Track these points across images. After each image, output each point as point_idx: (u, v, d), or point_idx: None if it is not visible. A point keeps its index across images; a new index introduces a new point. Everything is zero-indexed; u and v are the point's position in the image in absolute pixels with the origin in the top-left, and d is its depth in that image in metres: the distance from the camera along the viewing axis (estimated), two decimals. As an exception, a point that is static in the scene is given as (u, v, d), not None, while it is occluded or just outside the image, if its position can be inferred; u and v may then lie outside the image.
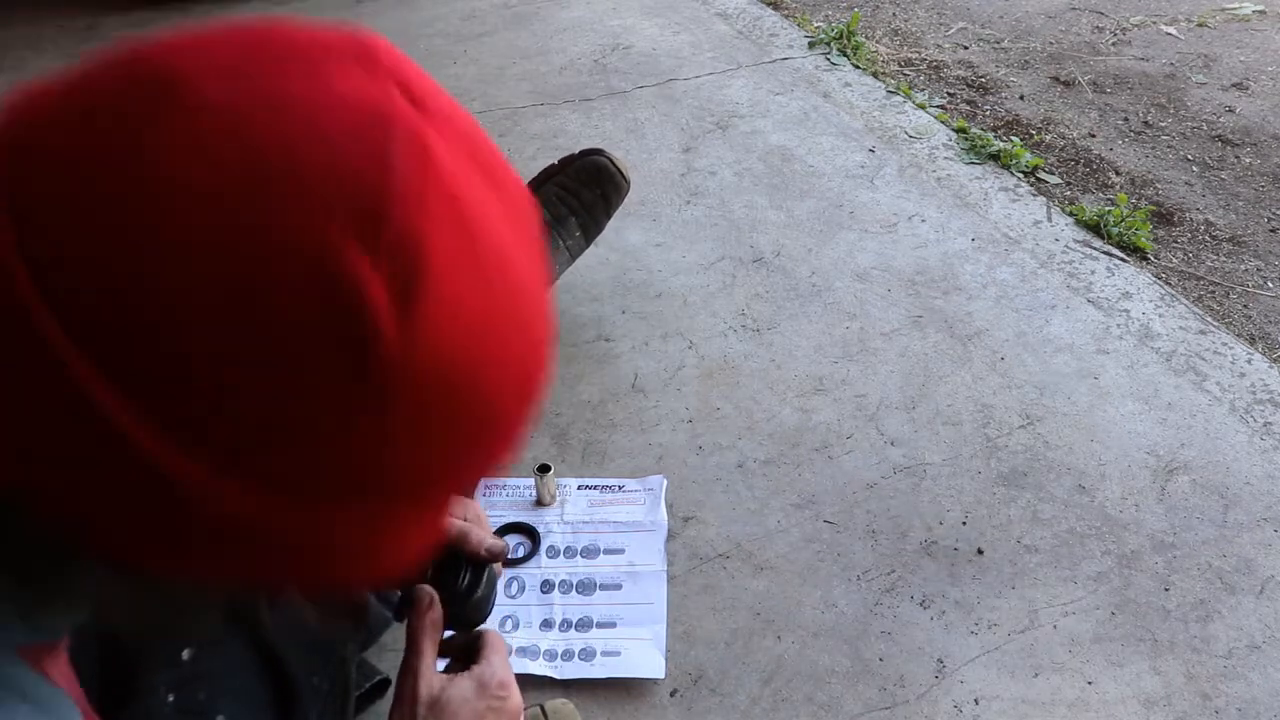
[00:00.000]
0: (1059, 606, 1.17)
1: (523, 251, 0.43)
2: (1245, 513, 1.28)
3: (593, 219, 1.57)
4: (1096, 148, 2.20)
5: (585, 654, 1.12)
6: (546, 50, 2.58)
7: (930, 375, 1.51)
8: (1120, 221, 1.85)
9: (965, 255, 1.77)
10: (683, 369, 1.53)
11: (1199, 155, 2.19)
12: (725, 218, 1.88)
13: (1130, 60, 2.58)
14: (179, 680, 0.73)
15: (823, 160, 2.05)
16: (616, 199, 1.58)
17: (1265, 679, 1.09)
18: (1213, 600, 1.18)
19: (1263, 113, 2.33)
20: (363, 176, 0.37)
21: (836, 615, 1.17)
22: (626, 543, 1.25)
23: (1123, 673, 1.10)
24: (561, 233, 1.54)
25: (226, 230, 0.36)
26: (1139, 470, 1.34)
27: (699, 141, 2.13)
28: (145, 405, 0.36)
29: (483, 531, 0.77)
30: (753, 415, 1.44)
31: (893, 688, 1.09)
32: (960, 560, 1.23)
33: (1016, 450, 1.38)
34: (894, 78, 2.46)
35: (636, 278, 1.73)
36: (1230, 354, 1.54)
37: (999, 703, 1.08)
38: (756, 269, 1.74)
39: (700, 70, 2.44)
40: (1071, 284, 1.70)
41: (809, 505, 1.30)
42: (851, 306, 1.65)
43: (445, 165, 0.39)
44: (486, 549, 0.76)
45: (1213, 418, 1.42)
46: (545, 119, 2.24)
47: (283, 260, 0.36)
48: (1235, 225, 1.96)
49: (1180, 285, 1.77)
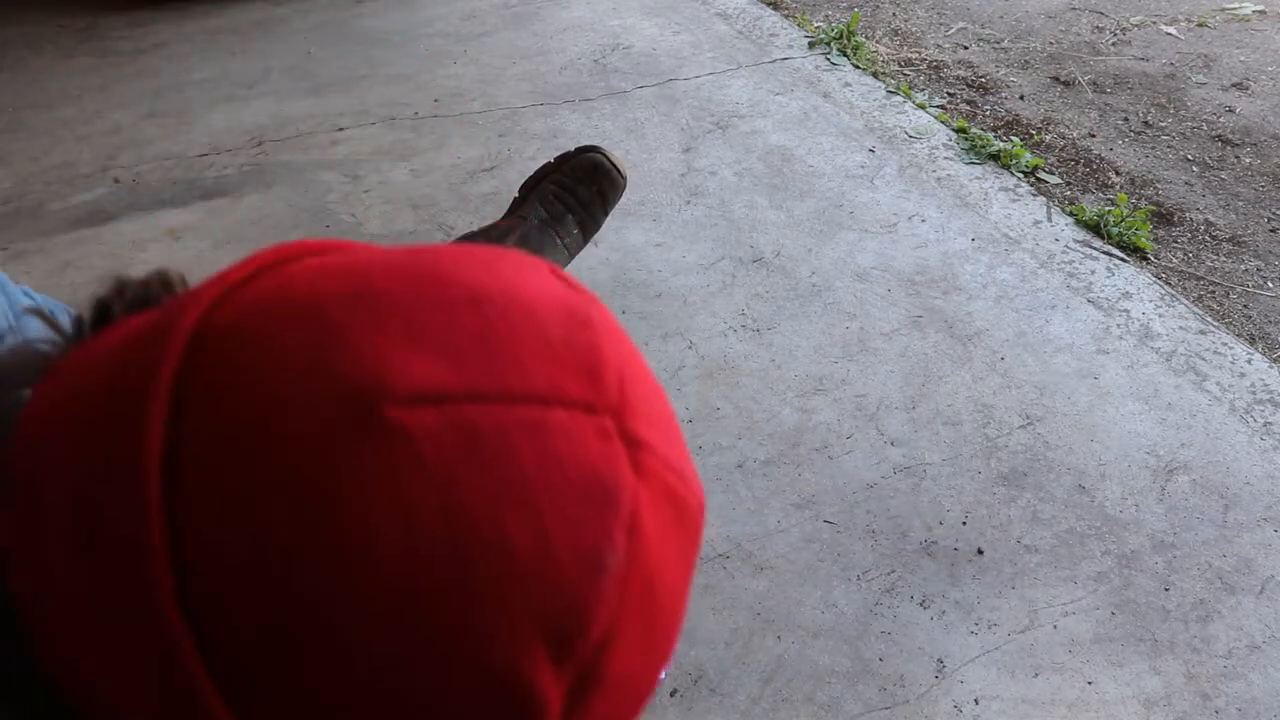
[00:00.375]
0: (1059, 606, 1.17)
1: (687, 574, 0.40)
2: (1245, 513, 1.28)
3: (590, 216, 1.57)
4: (1096, 148, 2.20)
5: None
6: (546, 50, 2.58)
7: (930, 375, 1.51)
8: (1120, 221, 1.85)
9: (965, 255, 1.77)
10: (683, 369, 1.53)
11: (1199, 155, 2.19)
12: (725, 218, 1.88)
13: (1130, 60, 2.58)
14: None
15: (823, 160, 2.05)
16: (614, 195, 1.58)
17: (1265, 679, 1.09)
18: (1213, 600, 1.18)
19: (1263, 113, 2.33)
20: (573, 587, 0.33)
21: (836, 615, 1.17)
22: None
23: (1123, 673, 1.10)
24: (559, 230, 1.54)
25: (412, 621, 0.32)
26: (1139, 470, 1.34)
27: (699, 141, 2.13)
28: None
29: None
30: (753, 415, 1.44)
31: (893, 688, 1.09)
32: (960, 560, 1.23)
33: (1016, 450, 1.38)
34: (894, 78, 2.46)
35: (636, 278, 1.73)
36: (1230, 354, 1.54)
37: (999, 703, 1.08)
38: (756, 269, 1.74)
39: (700, 70, 2.44)
40: (1071, 284, 1.70)
41: (809, 505, 1.30)
42: (851, 306, 1.65)
43: (651, 542, 0.35)
44: None
45: (1213, 418, 1.42)
46: (545, 119, 2.24)
47: (466, 666, 0.32)
48: (1235, 225, 1.96)
49: (1180, 285, 1.77)
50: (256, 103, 2.39)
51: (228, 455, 0.32)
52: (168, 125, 2.27)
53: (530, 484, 0.33)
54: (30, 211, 1.95)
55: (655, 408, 0.38)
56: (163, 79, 2.50)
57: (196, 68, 2.60)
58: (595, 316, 0.37)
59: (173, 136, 2.22)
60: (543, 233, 1.53)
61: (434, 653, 0.32)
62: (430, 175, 2.05)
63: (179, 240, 1.88)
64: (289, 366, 0.33)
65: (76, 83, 2.48)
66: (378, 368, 0.32)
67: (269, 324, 0.34)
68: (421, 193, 1.99)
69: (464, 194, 1.98)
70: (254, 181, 2.06)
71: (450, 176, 2.04)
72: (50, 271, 1.78)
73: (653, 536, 0.35)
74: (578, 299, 0.38)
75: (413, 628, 0.32)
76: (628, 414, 0.36)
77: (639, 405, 0.37)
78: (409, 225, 1.89)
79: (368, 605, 0.31)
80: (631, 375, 0.37)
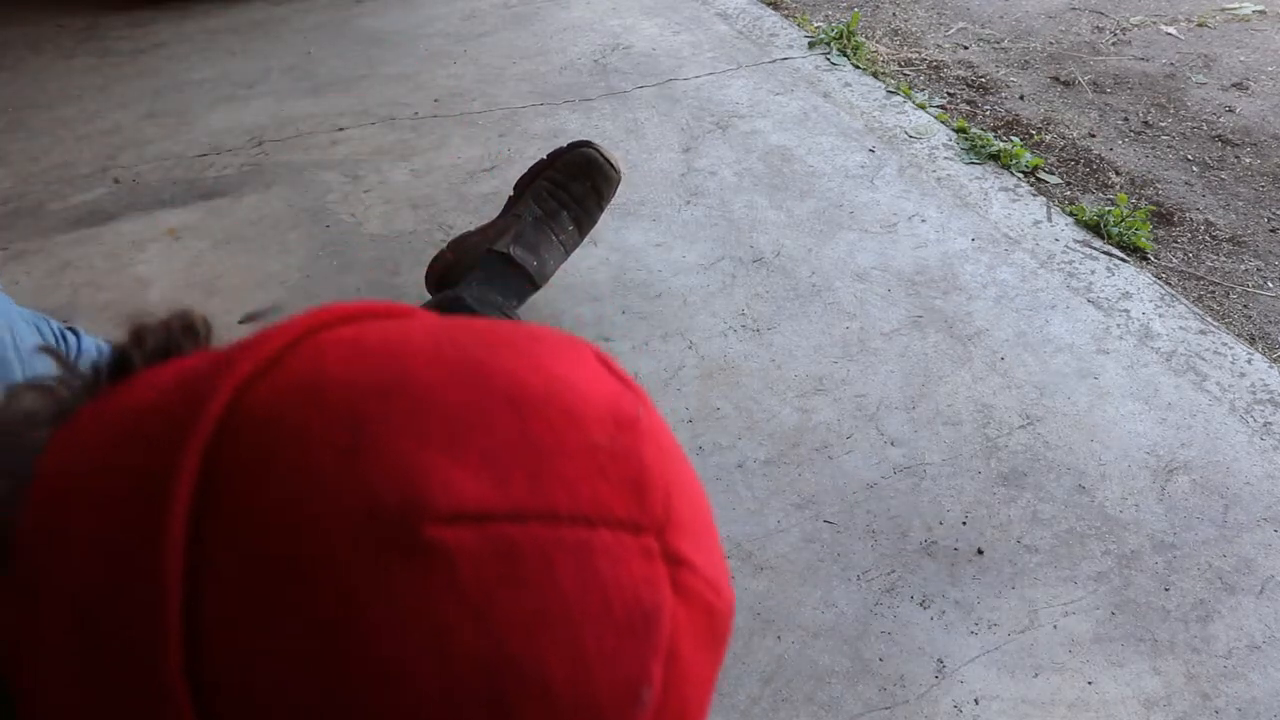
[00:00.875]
0: (1059, 606, 1.17)
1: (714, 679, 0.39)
2: (1245, 513, 1.28)
3: (585, 211, 1.57)
4: (1096, 148, 2.20)
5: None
6: (546, 50, 2.58)
7: (930, 375, 1.51)
8: (1120, 221, 1.85)
9: (965, 255, 1.77)
10: (683, 369, 1.53)
11: (1199, 155, 2.19)
12: (725, 218, 1.88)
13: (1130, 60, 2.58)
14: None
15: (823, 160, 2.05)
16: (608, 190, 1.58)
17: (1265, 679, 1.09)
18: (1213, 600, 1.18)
19: (1263, 113, 2.33)
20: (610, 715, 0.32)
21: (836, 615, 1.17)
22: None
23: (1123, 673, 1.10)
24: (554, 227, 1.54)
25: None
26: (1139, 470, 1.34)
27: (699, 141, 2.13)
28: None
29: None
30: (753, 415, 1.44)
31: (893, 688, 1.09)
32: (960, 560, 1.23)
33: (1016, 450, 1.38)
34: (894, 78, 2.46)
35: (636, 278, 1.73)
36: (1230, 354, 1.54)
37: (999, 703, 1.08)
38: (756, 269, 1.74)
39: (700, 70, 2.44)
40: (1071, 284, 1.70)
41: (809, 505, 1.30)
42: (851, 306, 1.65)
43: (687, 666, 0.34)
44: None
45: (1213, 418, 1.42)
46: (545, 119, 2.24)
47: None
48: (1235, 225, 1.96)
49: (1180, 285, 1.77)
50: (256, 103, 2.39)
51: (254, 569, 0.30)
52: (168, 125, 2.27)
53: (571, 613, 0.31)
54: (30, 211, 1.95)
55: (696, 516, 0.37)
56: (163, 79, 2.50)
57: (196, 68, 2.60)
58: (641, 416, 0.35)
59: (173, 136, 2.22)
60: (538, 230, 1.53)
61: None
62: (430, 175, 2.05)
63: (179, 240, 1.88)
64: (321, 472, 0.31)
65: (76, 83, 2.48)
66: (417, 481, 0.30)
67: (301, 418, 0.32)
68: (421, 193, 1.99)
69: (464, 194, 1.98)
70: (254, 181, 2.06)
71: (450, 176, 2.04)
72: (50, 271, 1.78)
73: (688, 660, 0.34)
74: (623, 394, 0.36)
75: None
76: (671, 530, 0.34)
77: (682, 517, 0.35)
78: (409, 225, 1.89)
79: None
80: (676, 483, 0.36)
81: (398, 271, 1.76)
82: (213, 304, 1.70)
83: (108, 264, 1.80)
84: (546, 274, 1.53)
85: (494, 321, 0.37)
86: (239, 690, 0.30)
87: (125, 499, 0.32)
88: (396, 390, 0.32)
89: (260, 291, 1.73)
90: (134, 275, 1.77)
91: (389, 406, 0.32)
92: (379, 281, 1.74)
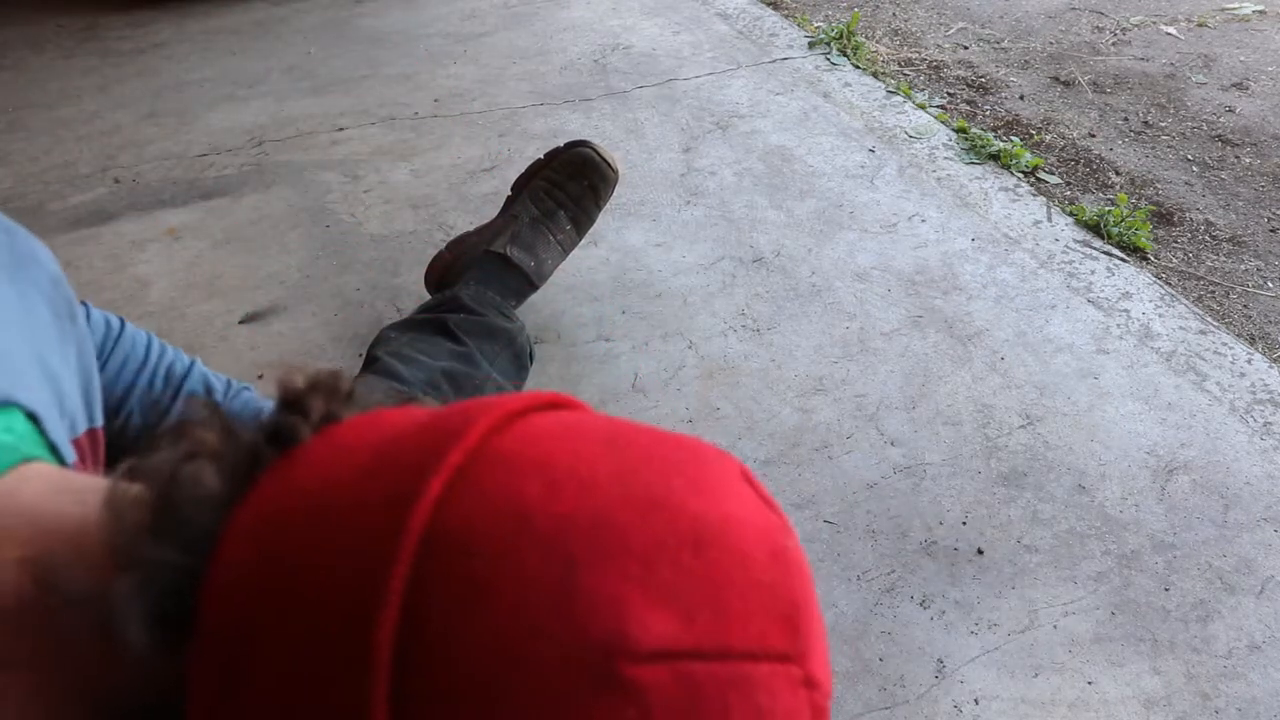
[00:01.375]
0: (1059, 606, 1.17)
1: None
2: (1245, 513, 1.28)
3: (582, 211, 1.57)
4: (1096, 148, 2.20)
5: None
6: (546, 50, 2.58)
7: (930, 375, 1.51)
8: (1120, 221, 1.85)
9: (965, 255, 1.77)
10: (683, 369, 1.53)
11: (1199, 155, 2.19)
12: (725, 218, 1.88)
13: (1130, 60, 2.58)
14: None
15: (823, 160, 2.05)
16: (605, 190, 1.57)
17: (1265, 679, 1.09)
18: (1213, 600, 1.18)
19: (1263, 113, 2.33)
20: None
21: (836, 615, 1.17)
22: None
23: (1123, 673, 1.10)
24: (551, 227, 1.54)
25: None
26: (1139, 470, 1.34)
27: (699, 141, 2.13)
28: None
29: None
30: (753, 415, 1.44)
31: (893, 688, 1.09)
32: (960, 560, 1.23)
33: (1016, 450, 1.38)
34: (894, 78, 2.46)
35: (636, 278, 1.73)
36: (1230, 354, 1.54)
37: (999, 703, 1.08)
38: (756, 269, 1.74)
39: (700, 70, 2.44)
40: (1071, 284, 1.70)
41: (809, 505, 1.30)
42: (851, 306, 1.65)
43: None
44: None
45: (1213, 418, 1.42)
46: (545, 119, 2.24)
47: None
48: (1235, 225, 1.96)
49: (1180, 285, 1.77)
50: (256, 103, 2.39)
51: (462, 695, 0.31)
52: (168, 125, 2.27)
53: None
54: (30, 211, 1.95)
55: (821, 635, 0.39)
56: (163, 79, 2.50)
57: (196, 68, 2.60)
58: (791, 548, 0.39)
59: (173, 136, 2.22)
60: (535, 230, 1.53)
61: None
62: (430, 175, 2.05)
63: (179, 240, 1.88)
64: (538, 608, 0.32)
65: (76, 83, 2.49)
66: (619, 621, 0.32)
67: (507, 546, 0.33)
68: (421, 193, 1.99)
69: (464, 194, 1.98)
70: (254, 181, 2.06)
71: (450, 176, 2.04)
72: (50, 271, 1.78)
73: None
74: (775, 524, 0.39)
75: None
76: (810, 658, 0.37)
77: (817, 645, 0.38)
78: (409, 225, 1.89)
79: None
80: (812, 612, 0.39)
81: (397, 272, 1.76)
82: (213, 304, 1.70)
83: (108, 264, 1.80)
84: (544, 274, 1.53)
85: (655, 435, 0.40)
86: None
87: (334, 602, 0.33)
88: (599, 529, 0.34)
89: (260, 291, 1.73)
90: (134, 275, 1.78)
91: (593, 546, 0.34)
92: (379, 281, 1.74)
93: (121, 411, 0.92)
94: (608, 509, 0.35)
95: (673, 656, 0.33)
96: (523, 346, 1.43)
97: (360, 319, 1.65)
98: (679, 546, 0.35)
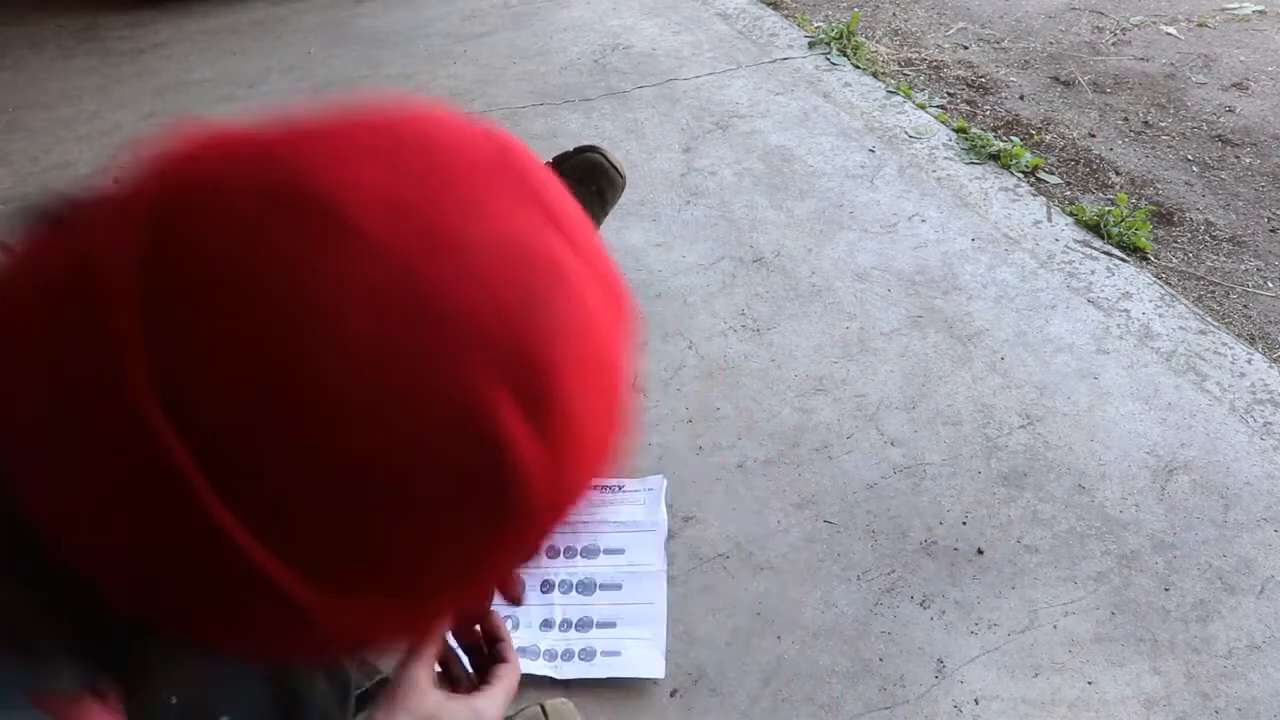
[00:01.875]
0: (1059, 606, 1.17)
1: (624, 345, 0.44)
2: (1245, 513, 1.28)
3: (590, 216, 1.57)
4: (1096, 148, 2.20)
5: (585, 654, 1.12)
6: (546, 50, 2.58)
7: (930, 375, 1.51)
8: (1120, 221, 1.85)
9: (965, 255, 1.77)
10: (683, 369, 1.53)
11: (1199, 155, 2.19)
12: (725, 218, 1.88)
13: (1130, 60, 2.58)
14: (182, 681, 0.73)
15: (823, 160, 2.05)
16: (613, 195, 1.58)
17: (1265, 679, 1.09)
18: (1213, 600, 1.18)
19: (1263, 113, 2.33)
20: (518, 327, 0.37)
21: (836, 615, 1.17)
22: (626, 543, 1.25)
23: (1123, 673, 1.10)
24: None
25: (387, 382, 0.35)
26: (1139, 470, 1.34)
27: (699, 141, 2.13)
28: (273, 541, 0.36)
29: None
30: (753, 415, 1.44)
31: (893, 688, 1.09)
32: (960, 560, 1.23)
33: (1016, 450, 1.38)
34: (894, 78, 2.46)
35: (636, 278, 1.73)
36: (1230, 354, 1.54)
37: (999, 703, 1.08)
38: (756, 269, 1.74)
39: (700, 70, 2.44)
40: (1071, 284, 1.70)
41: (809, 505, 1.30)
42: (851, 306, 1.65)
43: (582, 295, 0.40)
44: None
45: (1213, 418, 1.42)
46: (545, 119, 2.24)
47: (436, 412, 0.36)
48: (1235, 225, 1.96)
49: (1180, 285, 1.77)
50: (256, 103, 2.39)
51: (196, 258, 0.35)
52: (167, 125, 2.27)
53: (464, 245, 0.37)
54: (30, 211, 1.95)
55: (567, 205, 0.43)
56: (163, 79, 2.50)
57: (196, 68, 2.60)
58: (511, 139, 0.43)
59: (173, 136, 2.22)
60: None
61: (405, 396, 0.35)
62: (430, 175, 2.05)
63: (179, 240, 1.88)
64: (258, 180, 0.37)
65: (76, 83, 2.48)
66: (330, 175, 0.36)
67: (222, 164, 0.38)
68: (421, 193, 1.99)
69: (464, 194, 1.98)
70: (254, 181, 2.06)
71: (450, 176, 2.04)
72: (50, 271, 1.78)
73: (590, 304, 0.40)
74: (490, 127, 0.43)
75: (381, 381, 0.35)
76: (549, 201, 0.41)
77: (551, 194, 0.42)
78: (409, 225, 1.89)
79: (340, 363, 0.34)
80: (555, 185, 0.43)
81: (398, 271, 1.76)
82: (213, 304, 1.70)
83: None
84: (548, 274, 1.53)
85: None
86: (190, 351, 0.35)
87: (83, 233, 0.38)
88: (300, 130, 0.39)
89: (260, 291, 1.73)
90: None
91: (295, 138, 0.38)
92: (379, 281, 1.74)
93: None
94: (305, 124, 0.40)
95: (395, 208, 0.36)
96: None
97: (360, 319, 1.66)
98: (386, 127, 0.40)
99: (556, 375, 0.38)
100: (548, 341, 0.38)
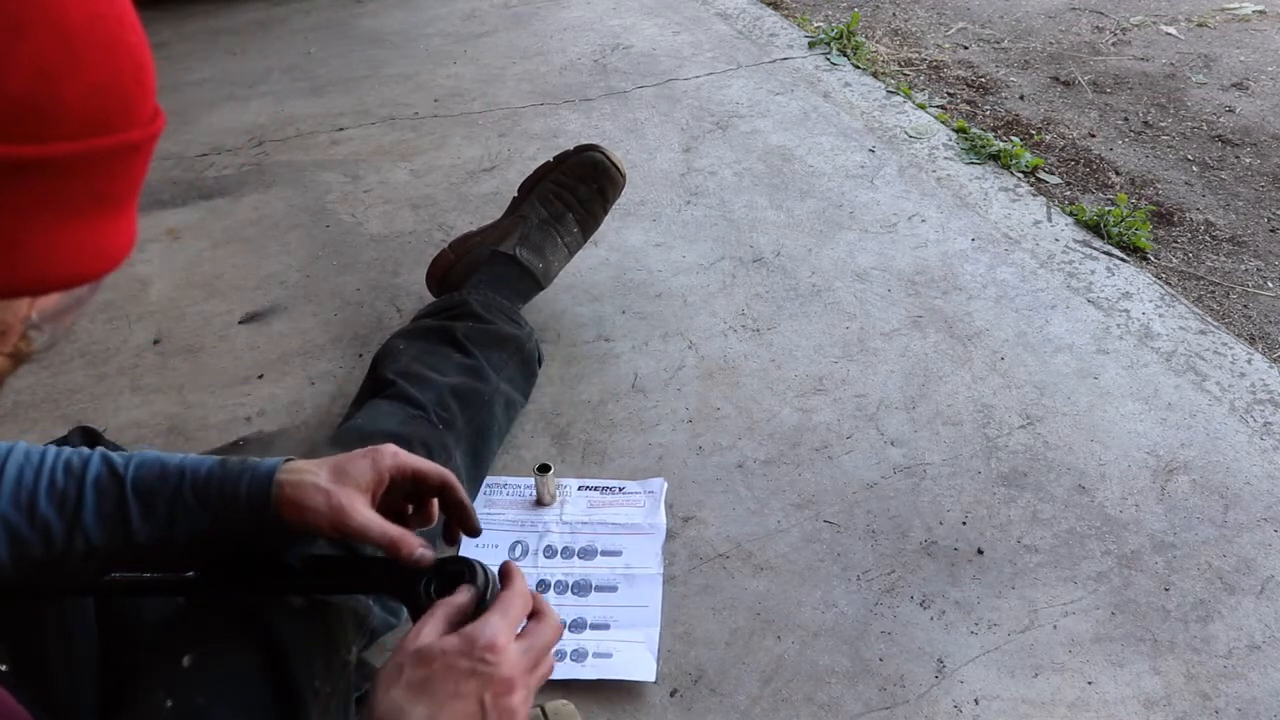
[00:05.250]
0: (1059, 606, 1.17)
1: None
2: (1245, 513, 1.28)
3: (590, 214, 1.57)
4: (1096, 148, 2.20)
5: (577, 655, 1.12)
6: (546, 50, 2.58)
7: (930, 375, 1.51)
8: (1120, 221, 1.85)
9: (965, 255, 1.77)
10: (683, 369, 1.53)
11: (1199, 155, 2.19)
12: (725, 218, 1.88)
13: (1130, 60, 2.58)
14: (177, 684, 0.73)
15: (823, 160, 2.05)
16: (613, 194, 1.58)
17: (1265, 679, 1.09)
18: (1213, 600, 1.18)
19: (1263, 113, 2.33)
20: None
21: (836, 615, 1.17)
22: (624, 545, 1.24)
23: (1123, 673, 1.10)
24: (559, 229, 1.54)
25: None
26: (1139, 470, 1.34)
27: (699, 141, 2.13)
28: None
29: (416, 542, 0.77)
30: (753, 415, 1.44)
31: (893, 688, 1.09)
32: (960, 560, 1.23)
33: (1016, 450, 1.38)
34: (894, 78, 2.46)
35: (636, 278, 1.73)
36: (1230, 354, 1.54)
37: (999, 703, 1.08)
38: (756, 269, 1.74)
39: (700, 70, 2.44)
40: (1071, 284, 1.70)
41: (809, 505, 1.30)
42: (851, 306, 1.65)
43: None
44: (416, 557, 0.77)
45: (1213, 418, 1.42)
46: (545, 119, 2.25)
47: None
48: (1235, 225, 1.96)
49: (1180, 285, 1.77)
50: (256, 103, 2.39)
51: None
52: (167, 125, 2.27)
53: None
54: (30, 211, 1.95)
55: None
56: (163, 79, 2.48)
57: (196, 68, 2.60)
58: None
59: (173, 136, 2.23)
60: (544, 232, 1.53)
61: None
62: (430, 175, 2.05)
63: (179, 240, 1.88)
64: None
65: (76, 83, 2.48)
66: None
67: None
68: (421, 193, 1.99)
69: (464, 194, 1.98)
70: (254, 181, 2.06)
71: (450, 176, 2.04)
72: (50, 271, 1.78)
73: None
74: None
75: None
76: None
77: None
78: (409, 225, 1.89)
79: None
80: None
81: (397, 272, 1.76)
82: (212, 304, 1.70)
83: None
84: (551, 275, 1.53)
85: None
86: None
87: None
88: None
89: (260, 291, 1.73)
90: (134, 275, 1.78)
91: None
92: (379, 281, 1.74)
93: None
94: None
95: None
96: (531, 352, 1.43)
97: (360, 319, 1.66)
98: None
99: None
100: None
